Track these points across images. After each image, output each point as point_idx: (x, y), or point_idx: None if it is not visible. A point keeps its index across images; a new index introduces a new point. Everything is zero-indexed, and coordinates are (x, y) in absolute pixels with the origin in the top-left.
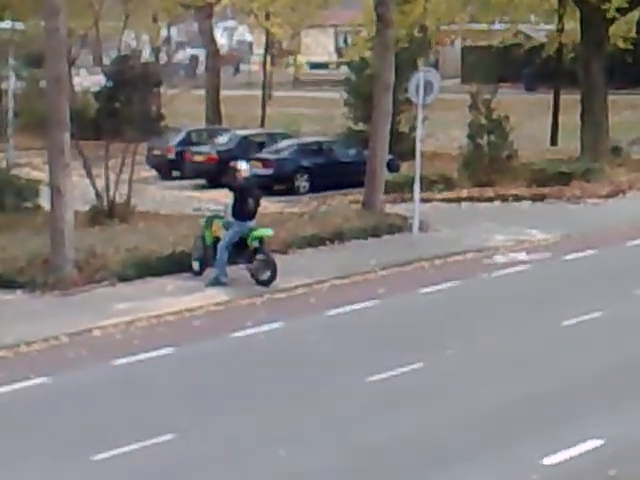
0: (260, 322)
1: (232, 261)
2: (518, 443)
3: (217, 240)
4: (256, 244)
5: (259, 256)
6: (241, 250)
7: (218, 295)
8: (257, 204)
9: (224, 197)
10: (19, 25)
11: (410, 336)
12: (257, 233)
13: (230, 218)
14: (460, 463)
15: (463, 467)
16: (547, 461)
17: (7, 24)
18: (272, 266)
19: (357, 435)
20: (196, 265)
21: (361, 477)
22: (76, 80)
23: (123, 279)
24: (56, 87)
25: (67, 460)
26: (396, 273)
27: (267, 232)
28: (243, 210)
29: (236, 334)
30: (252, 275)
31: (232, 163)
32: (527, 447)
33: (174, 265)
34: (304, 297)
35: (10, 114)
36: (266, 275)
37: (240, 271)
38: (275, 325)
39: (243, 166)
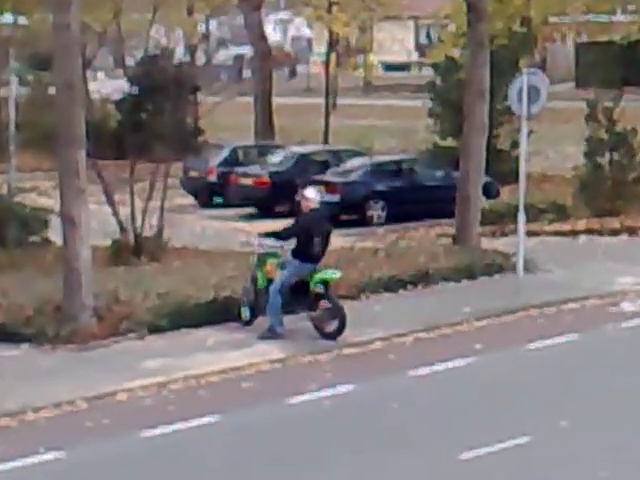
0: (325, 384)
1: (290, 309)
2: None
3: (271, 283)
4: (320, 289)
5: (324, 303)
6: (301, 296)
7: (272, 351)
8: (326, 243)
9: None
10: (22, 20)
11: (514, 403)
12: (321, 275)
13: (288, 257)
14: None
15: None
16: None
17: (8, 18)
18: (340, 315)
19: None
20: (246, 313)
21: None
22: (93, 86)
23: (154, 331)
24: (68, 94)
25: None
26: (496, 324)
27: (333, 274)
28: (307, 251)
29: (295, 399)
30: (315, 326)
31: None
32: None
33: (217, 313)
34: (381, 354)
35: (11, 127)
36: (333, 326)
37: (301, 321)
38: (344, 388)
39: (311, 194)
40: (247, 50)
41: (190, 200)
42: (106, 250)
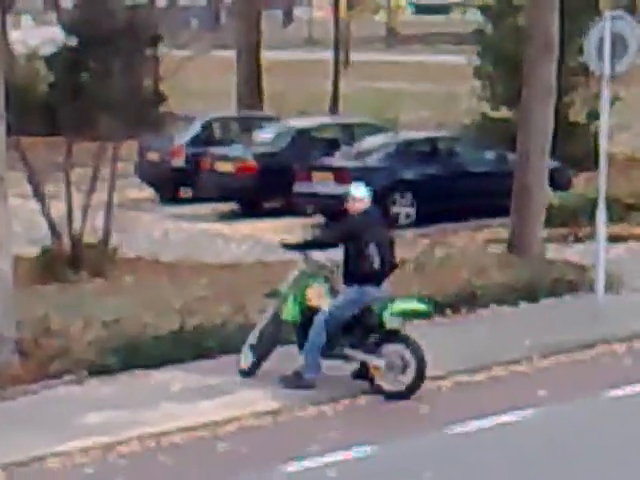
0: (332, 447)
1: (335, 353)
2: None
3: (312, 314)
4: (396, 323)
5: (394, 345)
6: (359, 333)
7: (260, 400)
8: (391, 256)
9: (268, 232)
10: None
11: (590, 470)
12: (404, 305)
13: (339, 282)
14: None
15: None
16: None
17: None
18: (418, 363)
19: None
20: (248, 359)
21: None
22: (15, 35)
23: (98, 372)
24: None
25: None
26: (566, 363)
27: (425, 307)
28: (364, 268)
29: (291, 467)
30: (371, 380)
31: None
32: None
33: (184, 348)
34: (409, 404)
35: None
36: (406, 379)
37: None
38: (358, 452)
39: (361, 192)
40: None
41: (148, 193)
42: (33, 262)
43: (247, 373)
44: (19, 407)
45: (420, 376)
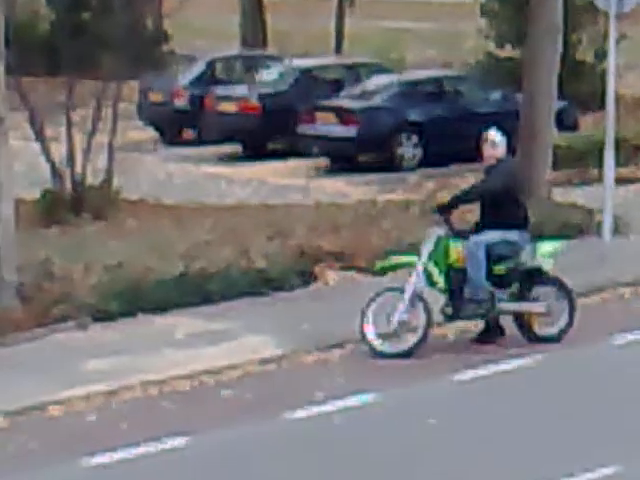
0: (337, 393)
1: (487, 311)
2: None
3: (459, 276)
4: (550, 266)
5: (545, 288)
6: (512, 282)
7: (264, 346)
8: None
9: (272, 174)
10: None
11: (595, 418)
12: (549, 247)
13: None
14: None
15: None
16: None
17: None
18: (571, 303)
19: None
20: (405, 340)
21: None
22: None
23: (100, 318)
24: None
25: None
26: None
27: (561, 243)
28: (518, 214)
29: (295, 414)
30: (521, 325)
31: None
32: None
33: (187, 293)
34: (413, 350)
35: None
36: (561, 322)
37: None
38: (362, 398)
39: (499, 139)
40: None
41: (150, 134)
42: (34, 205)
43: (407, 354)
44: (20, 353)
45: (572, 317)
